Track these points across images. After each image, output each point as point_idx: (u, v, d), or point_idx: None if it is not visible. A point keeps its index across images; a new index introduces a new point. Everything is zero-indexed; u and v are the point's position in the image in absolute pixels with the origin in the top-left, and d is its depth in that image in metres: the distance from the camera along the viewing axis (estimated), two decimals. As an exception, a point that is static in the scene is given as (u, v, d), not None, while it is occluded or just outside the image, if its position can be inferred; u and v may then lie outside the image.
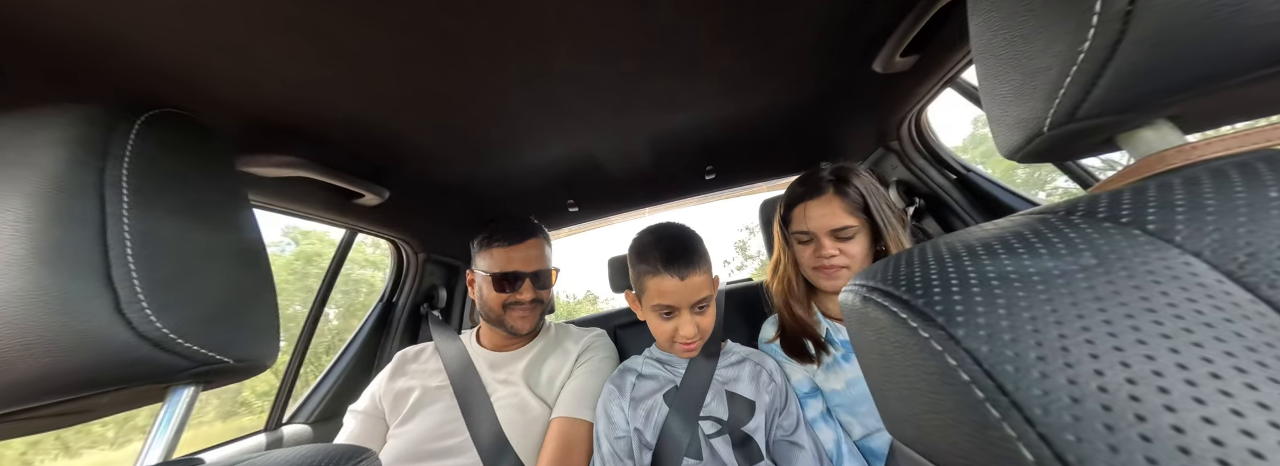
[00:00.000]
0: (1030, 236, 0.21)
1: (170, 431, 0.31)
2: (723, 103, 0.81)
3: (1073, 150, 0.28)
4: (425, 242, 1.14)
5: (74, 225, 0.25)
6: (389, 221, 1.00)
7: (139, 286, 0.26)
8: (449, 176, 0.92)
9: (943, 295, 0.20)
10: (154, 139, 0.30)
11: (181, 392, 0.32)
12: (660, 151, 0.99)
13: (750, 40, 0.62)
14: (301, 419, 0.98)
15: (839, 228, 0.70)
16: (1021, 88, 0.25)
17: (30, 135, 0.27)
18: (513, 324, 0.85)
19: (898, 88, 0.81)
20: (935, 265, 0.22)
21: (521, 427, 0.76)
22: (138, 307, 0.26)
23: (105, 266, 0.26)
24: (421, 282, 1.18)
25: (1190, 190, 0.20)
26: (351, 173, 0.76)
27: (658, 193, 1.32)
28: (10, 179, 0.26)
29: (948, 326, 0.19)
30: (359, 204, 0.86)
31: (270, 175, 0.66)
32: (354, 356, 1.08)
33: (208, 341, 0.29)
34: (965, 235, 0.24)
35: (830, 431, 0.70)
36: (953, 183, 0.95)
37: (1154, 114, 0.24)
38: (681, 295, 0.67)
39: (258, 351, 0.33)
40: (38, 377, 0.25)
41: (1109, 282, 0.18)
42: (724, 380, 0.74)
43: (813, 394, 0.75)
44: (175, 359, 0.28)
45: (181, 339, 0.28)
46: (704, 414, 0.70)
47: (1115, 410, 0.15)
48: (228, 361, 0.31)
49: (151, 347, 0.27)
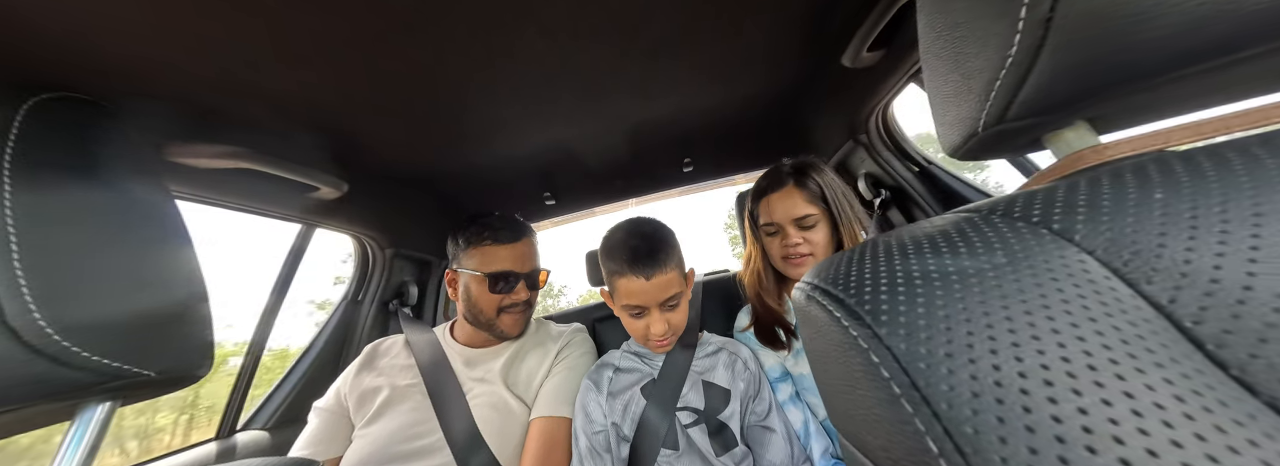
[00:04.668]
0: (954, 235, 0.22)
1: (82, 453, 0.28)
2: (700, 93, 0.81)
3: (1007, 148, 0.29)
4: (393, 237, 1.09)
5: None
6: (351, 216, 0.94)
7: (28, 294, 0.23)
8: (415, 167, 0.87)
9: (872, 294, 0.21)
10: (45, 126, 0.26)
11: (93, 410, 0.29)
12: (638, 142, 0.98)
13: (725, 30, 0.61)
14: (258, 424, 0.92)
15: (800, 216, 0.74)
16: (960, 88, 0.26)
17: None
18: (504, 328, 0.82)
19: (866, 82, 0.83)
20: (870, 264, 0.23)
21: (499, 427, 0.74)
22: (28, 318, 0.23)
23: None
24: (390, 279, 1.12)
25: (1092, 191, 0.21)
26: (303, 163, 0.71)
27: (636, 184, 1.30)
28: None
29: (873, 324, 0.19)
30: (315, 197, 0.80)
31: (207, 166, 0.60)
32: (316, 356, 1.02)
33: (120, 353, 0.26)
34: (902, 233, 0.25)
35: (798, 412, 0.73)
36: (916, 175, 0.99)
37: (1074, 115, 0.25)
38: (649, 295, 0.67)
39: (185, 361, 0.30)
40: None
41: (1016, 280, 0.19)
42: (701, 370, 0.75)
43: (783, 378, 0.78)
44: (79, 374, 0.25)
45: (87, 351, 0.25)
46: (681, 404, 0.71)
47: (1006, 402, 0.16)
48: (148, 374, 0.28)
49: (49, 362, 0.23)
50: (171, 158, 0.56)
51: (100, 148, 0.29)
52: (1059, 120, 0.26)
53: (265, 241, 5.80)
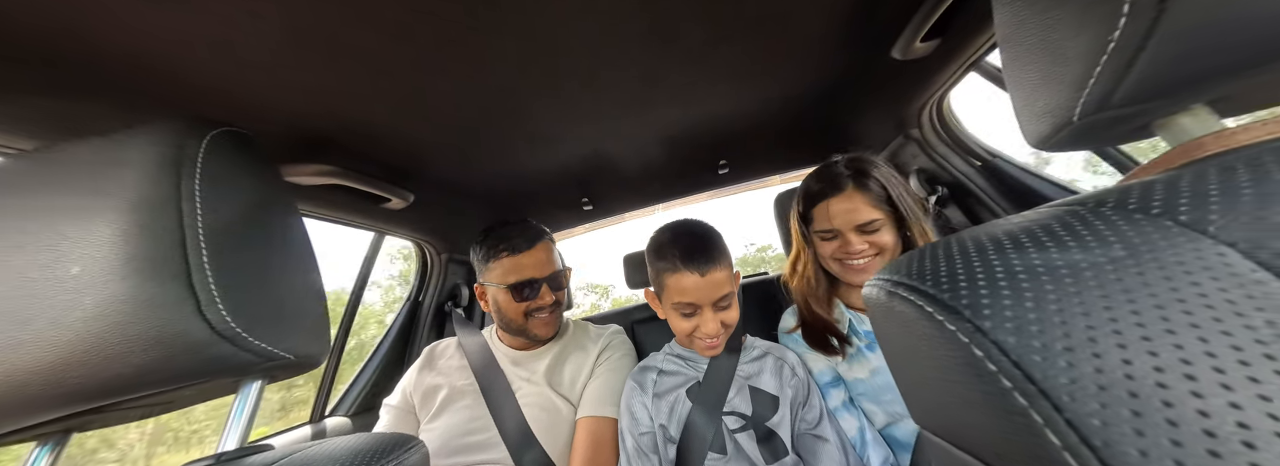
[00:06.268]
0: (1058, 229, 0.22)
1: (244, 419, 0.35)
2: (736, 95, 0.81)
3: (1105, 138, 0.27)
4: (447, 243, 1.18)
5: (159, 236, 0.28)
6: (413, 224, 1.04)
7: (215, 290, 0.29)
8: (469, 179, 0.95)
9: (969, 289, 0.20)
10: (218, 156, 0.33)
11: (251, 386, 0.35)
12: (673, 146, 0.99)
13: (764, 30, 0.61)
14: (341, 412, 1.04)
15: (865, 223, 0.69)
16: (1048, 75, 0.25)
17: (118, 155, 0.30)
18: (536, 331, 0.85)
19: (917, 74, 0.79)
20: (961, 259, 0.22)
21: (547, 426, 0.78)
22: (216, 310, 0.29)
23: (186, 273, 0.29)
24: (445, 281, 1.22)
25: (1224, 179, 0.20)
26: (380, 178, 0.80)
27: (670, 188, 1.32)
28: (105, 195, 0.29)
29: (974, 319, 0.19)
30: (386, 208, 0.90)
31: (309, 184, 0.70)
32: (386, 353, 1.14)
33: (272, 339, 0.32)
34: (991, 228, 0.24)
35: (853, 419, 0.70)
36: (978, 170, 0.92)
37: (1192, 99, 0.23)
38: (703, 292, 0.66)
39: (313, 348, 0.36)
40: (135, 372, 0.28)
41: (1138, 274, 0.18)
42: (747, 375, 0.74)
43: (835, 383, 0.75)
44: (247, 355, 0.31)
45: (252, 337, 0.31)
46: (727, 409, 0.70)
47: (1142, 396, 0.15)
48: (289, 357, 0.34)
49: (228, 345, 0.30)
50: (287, 178, 0.67)
51: (253, 172, 0.36)
52: (1173, 105, 0.24)
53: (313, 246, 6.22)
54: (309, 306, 0.37)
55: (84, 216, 0.28)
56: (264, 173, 0.37)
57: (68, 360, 0.26)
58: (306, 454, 0.32)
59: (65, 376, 0.27)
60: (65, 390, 0.27)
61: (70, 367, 0.26)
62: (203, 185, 0.31)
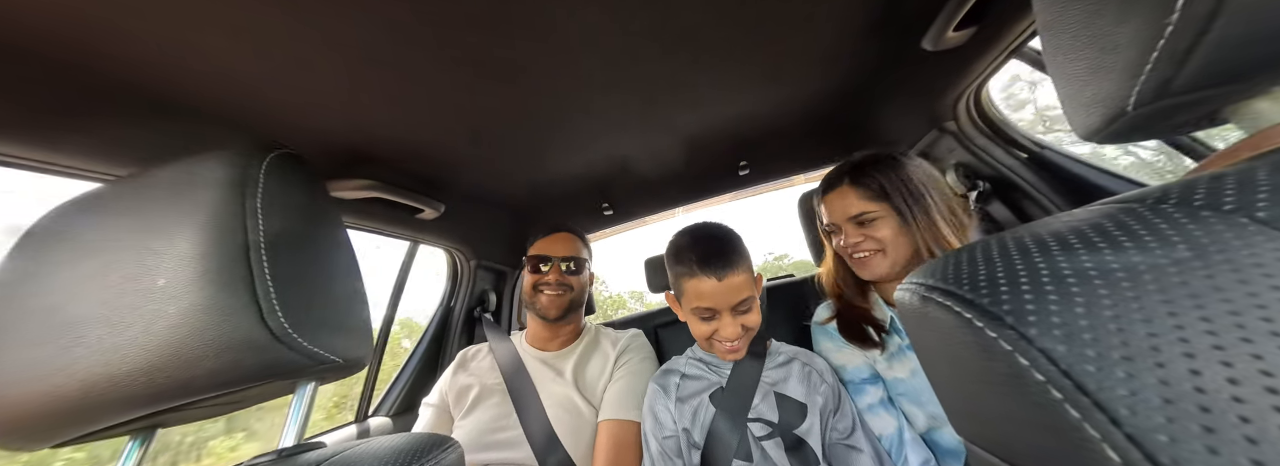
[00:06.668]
0: (1112, 228, 0.20)
1: (300, 418, 0.38)
2: (755, 94, 0.79)
3: (1165, 128, 0.25)
4: (475, 250, 1.23)
5: (228, 250, 0.31)
6: (444, 232, 1.09)
7: (275, 300, 0.32)
8: (494, 188, 0.99)
9: (1011, 293, 0.19)
10: (276, 176, 0.36)
11: (306, 387, 0.39)
12: (692, 148, 0.98)
13: (783, 27, 0.60)
14: (382, 412, 1.10)
15: (855, 214, 0.70)
16: (1097, 64, 0.23)
17: (194, 178, 0.34)
18: (541, 305, 0.93)
19: (951, 64, 0.74)
20: (1001, 262, 0.21)
21: (572, 427, 0.80)
22: (275, 317, 0.32)
23: (251, 283, 0.32)
24: (474, 287, 1.27)
25: None
26: (414, 190, 0.85)
27: (690, 190, 1.32)
28: (184, 213, 0.32)
29: (1018, 326, 0.18)
30: (419, 218, 0.95)
31: (351, 197, 0.76)
32: (421, 356, 1.19)
33: (324, 344, 0.35)
34: (1036, 228, 0.23)
35: (891, 419, 0.67)
36: (1024, 162, 0.85)
37: (1272, 81, 0.21)
38: (721, 297, 0.66)
39: (359, 352, 0.39)
40: (209, 374, 0.31)
41: (1207, 277, 0.16)
42: (772, 381, 0.73)
43: (872, 380, 0.72)
44: (302, 359, 0.34)
45: (306, 342, 0.33)
46: (752, 416, 0.69)
47: (1215, 411, 0.14)
48: (339, 360, 0.36)
49: (285, 350, 0.32)
50: (333, 193, 0.73)
51: (305, 189, 0.39)
52: (1248, 88, 0.21)
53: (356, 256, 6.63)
54: (355, 313, 0.40)
55: (167, 233, 0.32)
56: (314, 189, 0.41)
57: (157, 363, 0.30)
58: (354, 452, 0.35)
59: (154, 377, 0.30)
60: (154, 390, 0.31)
61: (158, 370, 0.30)
62: (263, 203, 0.34)
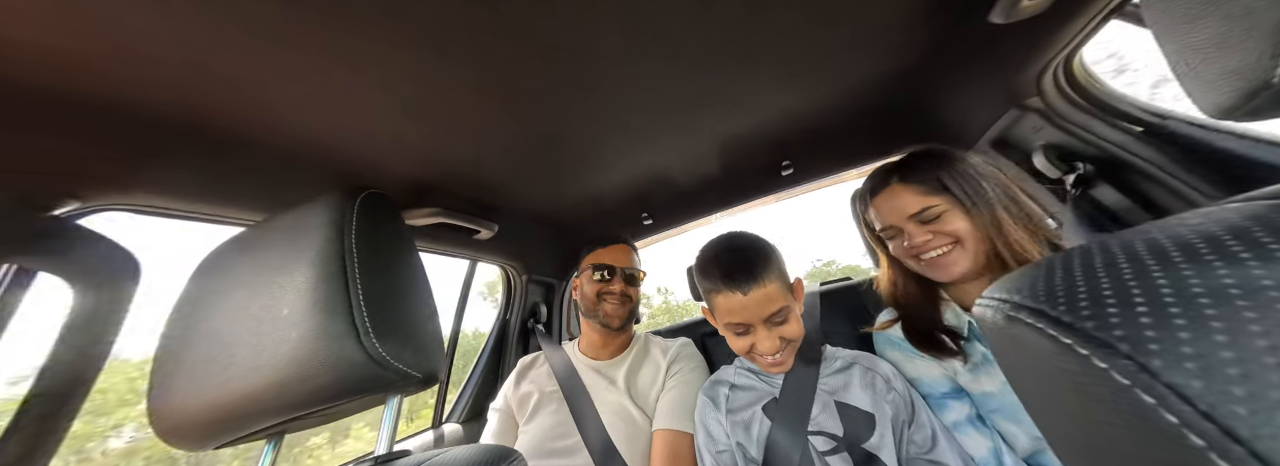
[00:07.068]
0: (1259, 233, 0.16)
1: (390, 427, 0.43)
2: (798, 92, 0.76)
3: None
4: (526, 265, 1.31)
5: (332, 282, 0.37)
6: (498, 250, 1.18)
7: (368, 324, 0.37)
8: (541, 208, 1.05)
9: (1122, 316, 0.16)
10: (365, 214, 0.42)
11: (394, 399, 0.44)
12: (730, 153, 0.97)
13: (829, 21, 0.57)
14: (454, 419, 1.19)
15: (916, 211, 0.63)
16: (1224, 33, 0.20)
17: (305, 222, 0.41)
18: (605, 312, 0.95)
19: (1030, 35, 0.65)
20: (1107, 274, 0.18)
21: (628, 436, 0.81)
22: (370, 340, 0.37)
23: (349, 311, 0.37)
24: (526, 300, 1.35)
25: None
26: (473, 214, 0.94)
27: (728, 196, 1.30)
28: (299, 252, 0.39)
29: (1136, 355, 0.15)
30: (477, 239, 1.04)
31: (421, 224, 0.85)
32: (483, 367, 1.28)
33: (407, 361, 0.40)
34: (1150, 233, 0.19)
35: (984, 439, 0.60)
36: (1138, 137, 0.71)
37: None
38: (749, 311, 0.64)
39: (434, 367, 0.44)
40: (320, 389, 0.37)
41: None
42: (830, 389, 0.69)
43: (955, 394, 0.65)
44: (389, 375, 0.38)
45: (393, 360, 0.38)
46: (813, 428, 0.65)
47: None
48: (418, 375, 0.41)
49: (377, 368, 0.37)
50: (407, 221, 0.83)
51: (387, 222, 0.45)
52: None
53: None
54: (430, 332, 0.45)
55: (288, 270, 0.38)
56: (394, 221, 0.47)
57: (285, 379, 0.36)
58: (433, 462, 0.39)
59: (283, 392, 0.36)
60: (283, 402, 0.37)
61: (286, 385, 0.36)
62: (357, 239, 0.40)
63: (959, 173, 0.63)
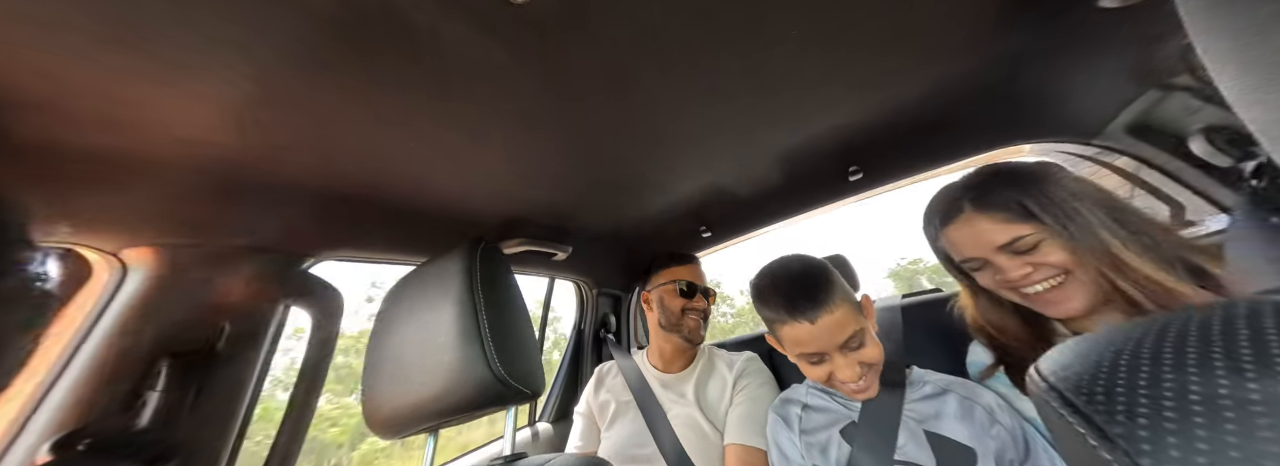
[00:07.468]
0: (1275, 346, 0.15)
1: (511, 433, 0.54)
2: (864, 100, 0.73)
3: None
4: (596, 280, 1.43)
5: (468, 316, 0.49)
6: (571, 268, 1.31)
7: (493, 349, 0.48)
8: (607, 227, 1.15)
9: (1126, 408, 0.16)
10: (485, 261, 0.54)
11: (512, 409, 0.55)
12: (792, 162, 0.95)
13: (901, 24, 0.54)
14: (544, 418, 1.35)
15: (1006, 242, 0.54)
16: None
17: (449, 267, 0.54)
18: (688, 327, 1.00)
19: (1155, 13, 0.56)
20: (1126, 365, 0.17)
21: (700, 448, 0.85)
22: (495, 364, 0.48)
23: (480, 340, 0.48)
24: (597, 312, 1.47)
25: None
26: (550, 239, 1.07)
27: (789, 205, 1.27)
28: (444, 292, 0.52)
29: (1133, 453, 0.15)
30: (553, 260, 1.17)
31: (511, 251, 1.00)
32: (565, 372, 1.43)
33: (518, 378, 0.50)
34: (1191, 328, 0.18)
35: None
36: None
37: None
38: (821, 340, 0.61)
39: (539, 385, 0.53)
40: (464, 401, 0.49)
41: None
42: (919, 417, 0.64)
43: None
44: (508, 391, 0.49)
45: (511, 379, 0.48)
46: (900, 457, 0.62)
47: None
48: (527, 391, 0.51)
49: (500, 385, 0.48)
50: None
51: (497, 263, 0.58)
52: None
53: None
54: (533, 354, 0.55)
55: (438, 307, 0.51)
56: (502, 262, 0.58)
57: (441, 394, 0.48)
58: None
59: (440, 402, 0.48)
60: (439, 409, 0.49)
61: (441, 398, 0.48)
62: (481, 281, 0.51)
63: (1045, 196, 0.54)
